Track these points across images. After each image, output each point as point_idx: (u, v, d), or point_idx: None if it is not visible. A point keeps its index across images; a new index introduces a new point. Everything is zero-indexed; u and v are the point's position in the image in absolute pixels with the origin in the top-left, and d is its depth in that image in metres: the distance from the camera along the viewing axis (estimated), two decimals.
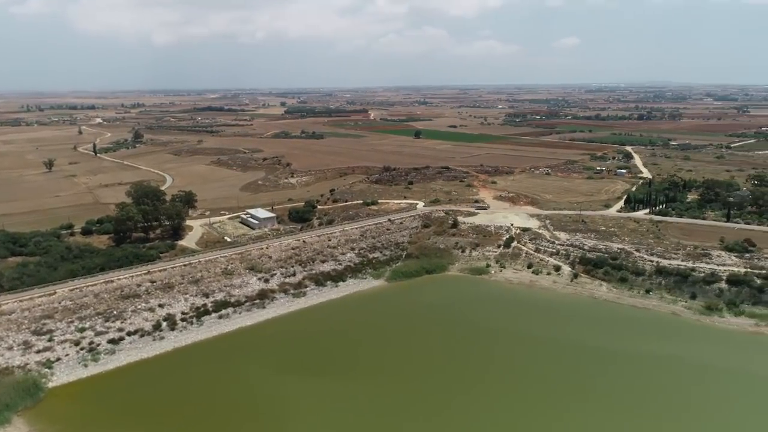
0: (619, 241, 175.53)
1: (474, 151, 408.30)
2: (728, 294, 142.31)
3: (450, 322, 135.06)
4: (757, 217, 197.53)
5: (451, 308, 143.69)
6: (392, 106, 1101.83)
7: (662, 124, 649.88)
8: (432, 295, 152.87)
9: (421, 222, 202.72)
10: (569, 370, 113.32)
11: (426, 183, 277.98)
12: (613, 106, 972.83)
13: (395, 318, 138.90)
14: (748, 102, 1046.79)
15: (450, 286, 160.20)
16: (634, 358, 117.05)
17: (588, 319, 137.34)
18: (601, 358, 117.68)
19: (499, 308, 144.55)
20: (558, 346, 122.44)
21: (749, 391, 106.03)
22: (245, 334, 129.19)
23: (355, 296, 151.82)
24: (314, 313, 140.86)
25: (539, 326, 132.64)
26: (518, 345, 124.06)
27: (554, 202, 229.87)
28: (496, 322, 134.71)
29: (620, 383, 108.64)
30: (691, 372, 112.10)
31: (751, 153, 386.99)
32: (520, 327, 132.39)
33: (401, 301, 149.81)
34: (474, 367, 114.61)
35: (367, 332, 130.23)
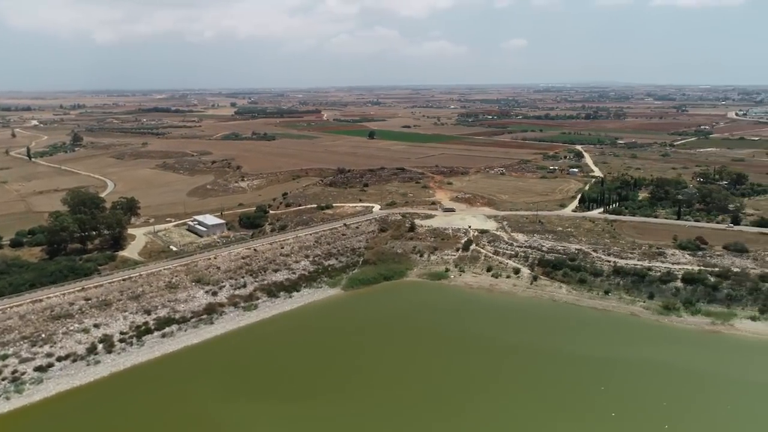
0: (576, 241, 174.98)
1: (429, 152, 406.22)
2: (684, 293, 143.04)
3: (411, 332, 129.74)
4: (705, 215, 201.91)
5: (411, 317, 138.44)
6: (345, 107, 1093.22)
7: (608, 123, 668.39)
8: (391, 304, 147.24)
9: (377, 226, 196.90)
10: (533, 378, 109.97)
11: (381, 185, 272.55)
12: (561, 106, 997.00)
13: (353, 330, 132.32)
14: (685, 102, 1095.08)
15: (409, 292, 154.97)
16: (597, 362, 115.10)
17: (549, 324, 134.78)
18: (564, 365, 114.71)
19: (460, 315, 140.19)
20: (522, 354, 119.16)
21: (709, 391, 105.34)
22: (191, 353, 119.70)
23: (310, 307, 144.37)
24: (267, 328, 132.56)
25: (501, 333, 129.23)
26: (481, 354, 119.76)
27: (510, 203, 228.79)
28: (458, 331, 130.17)
29: (584, 390, 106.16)
30: (653, 375, 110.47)
31: (693, 151, 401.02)
32: (481, 335, 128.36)
33: (359, 311, 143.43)
34: (437, 380, 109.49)
35: (324, 347, 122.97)
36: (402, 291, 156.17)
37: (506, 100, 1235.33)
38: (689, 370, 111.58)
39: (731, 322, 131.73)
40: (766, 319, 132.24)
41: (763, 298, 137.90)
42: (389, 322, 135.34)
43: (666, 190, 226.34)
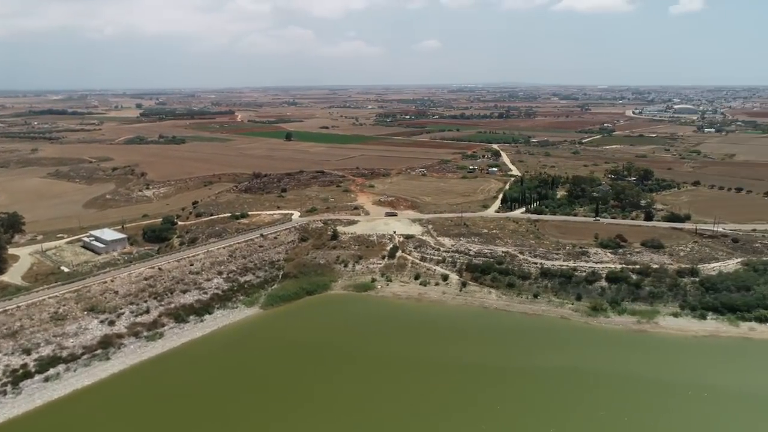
0: (502, 243, 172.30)
1: (348, 153, 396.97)
2: (610, 292, 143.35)
3: (338, 353, 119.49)
4: (620, 212, 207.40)
5: (337, 335, 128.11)
6: (261, 108, 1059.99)
7: (520, 122, 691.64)
8: (316, 321, 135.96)
9: (297, 235, 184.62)
10: (465, 395, 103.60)
11: (301, 190, 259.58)
12: (475, 106, 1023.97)
13: (275, 355, 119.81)
14: (587, 101, 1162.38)
15: (334, 307, 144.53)
16: (532, 373, 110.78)
17: (481, 334, 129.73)
18: (499, 378, 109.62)
19: (389, 330, 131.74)
20: (453, 369, 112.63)
21: (642, 396, 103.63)
22: (82, 399, 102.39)
23: (225, 331, 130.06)
24: (175, 359, 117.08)
25: (432, 348, 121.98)
26: (412, 372, 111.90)
27: (434, 205, 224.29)
28: (387, 348, 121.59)
29: (519, 403, 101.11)
30: (587, 383, 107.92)
31: (600, 148, 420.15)
32: (412, 351, 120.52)
33: (280, 332, 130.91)
34: (369, 404, 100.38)
35: (241, 378, 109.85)
36: (326, 306, 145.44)
37: (422, 100, 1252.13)
38: (622, 375, 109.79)
39: (655, 319, 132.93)
40: (686, 315, 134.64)
41: (683, 294, 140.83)
42: (314, 343, 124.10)
43: (582, 188, 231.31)
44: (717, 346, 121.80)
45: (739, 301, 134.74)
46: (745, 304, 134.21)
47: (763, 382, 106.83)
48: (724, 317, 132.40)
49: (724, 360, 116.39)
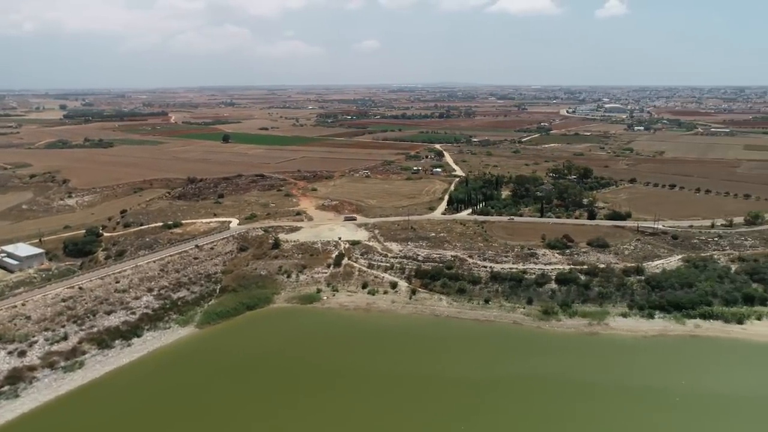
0: (451, 247, 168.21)
1: (289, 155, 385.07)
2: (560, 294, 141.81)
3: (283, 372, 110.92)
4: (564, 211, 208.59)
5: (283, 352, 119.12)
6: (196, 108, 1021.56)
7: (461, 121, 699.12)
8: (258, 339, 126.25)
9: (236, 245, 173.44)
10: (417, 408, 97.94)
11: (239, 195, 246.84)
12: (416, 106, 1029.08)
13: (212, 379, 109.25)
14: (523, 101, 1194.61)
15: (278, 322, 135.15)
16: (486, 384, 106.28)
17: (434, 344, 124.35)
18: (452, 390, 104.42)
19: (337, 344, 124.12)
20: (407, 382, 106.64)
21: (597, 402, 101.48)
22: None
23: (156, 355, 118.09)
24: (97, 392, 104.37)
25: (383, 361, 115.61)
26: (364, 387, 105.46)
27: (380, 208, 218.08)
28: (336, 364, 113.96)
29: (477, 416, 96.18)
30: (543, 390, 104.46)
31: (539, 147, 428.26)
32: (362, 365, 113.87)
33: (219, 352, 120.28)
34: (317, 424, 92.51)
35: (176, 407, 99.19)
36: (269, 321, 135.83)
37: (363, 100, 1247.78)
38: (579, 382, 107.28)
39: (606, 320, 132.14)
40: (635, 314, 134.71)
41: (630, 293, 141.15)
42: (256, 363, 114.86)
43: (526, 188, 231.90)
44: (666, 346, 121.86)
45: (684, 299, 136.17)
46: (690, 301, 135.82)
47: (711, 382, 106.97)
48: (671, 315, 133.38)
49: (675, 360, 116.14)
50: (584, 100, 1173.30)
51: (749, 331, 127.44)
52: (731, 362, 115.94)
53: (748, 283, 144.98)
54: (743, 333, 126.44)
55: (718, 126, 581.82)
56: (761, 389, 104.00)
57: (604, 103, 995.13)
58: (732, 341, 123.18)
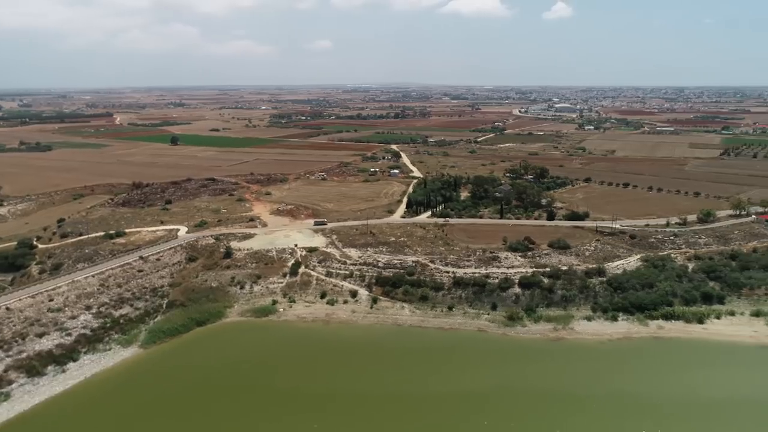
0: (412, 252, 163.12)
1: (242, 157, 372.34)
2: (524, 299, 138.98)
3: (237, 392, 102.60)
4: (523, 211, 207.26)
5: (236, 373, 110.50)
6: (143, 109, 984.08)
7: (416, 121, 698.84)
8: (209, 359, 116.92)
9: (185, 255, 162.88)
10: (388, 429, 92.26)
11: (188, 200, 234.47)
12: (371, 106, 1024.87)
13: (158, 405, 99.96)
14: (476, 101, 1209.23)
15: (230, 339, 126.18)
16: (453, 399, 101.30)
17: (397, 356, 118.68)
18: (420, 406, 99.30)
19: (296, 360, 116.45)
20: (370, 401, 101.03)
21: (567, 410, 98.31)
22: None
23: (95, 382, 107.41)
24: (25, 428, 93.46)
25: (345, 376, 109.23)
26: (324, 406, 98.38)
27: (337, 212, 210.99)
28: (294, 383, 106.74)
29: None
30: (513, 402, 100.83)
31: (495, 146, 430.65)
32: (322, 383, 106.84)
33: (166, 375, 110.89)
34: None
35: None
36: (221, 338, 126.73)
37: (318, 100, 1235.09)
38: (548, 391, 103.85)
39: (571, 325, 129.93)
40: (599, 317, 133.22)
41: (593, 295, 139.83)
42: (208, 384, 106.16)
43: (485, 189, 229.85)
44: (632, 349, 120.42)
45: (645, 300, 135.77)
46: (652, 302, 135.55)
47: (678, 385, 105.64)
48: (634, 317, 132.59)
49: (641, 364, 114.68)
50: (535, 100, 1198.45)
51: (710, 330, 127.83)
52: (695, 364, 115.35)
53: (706, 282, 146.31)
54: (705, 333, 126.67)
55: (663, 125, 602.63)
56: (727, 391, 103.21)
57: (554, 103, 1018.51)
58: (694, 342, 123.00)
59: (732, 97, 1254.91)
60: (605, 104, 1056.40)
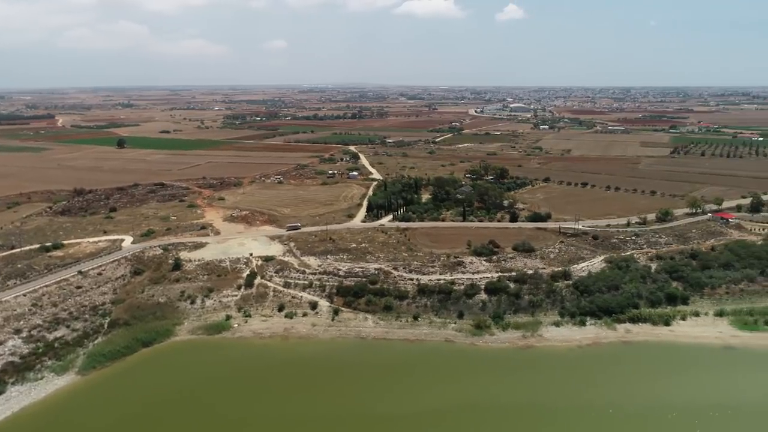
0: (374, 259, 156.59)
1: (194, 160, 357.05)
2: (491, 305, 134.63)
3: (189, 424, 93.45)
4: (485, 213, 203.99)
5: (186, 399, 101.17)
6: (89, 110, 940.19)
7: (374, 122, 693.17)
8: (156, 384, 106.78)
9: (129, 267, 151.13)
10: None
11: (135, 208, 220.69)
12: (327, 106, 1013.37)
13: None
14: (433, 101, 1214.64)
15: (180, 360, 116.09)
16: (422, 416, 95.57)
17: (361, 372, 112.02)
18: (384, 428, 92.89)
19: (253, 381, 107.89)
20: (333, 422, 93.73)
21: (540, 425, 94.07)
22: None
23: (23, 417, 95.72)
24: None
25: (305, 397, 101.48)
26: (284, 431, 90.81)
27: (294, 218, 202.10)
28: (251, 406, 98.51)
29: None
30: (485, 419, 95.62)
31: (454, 147, 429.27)
32: (280, 405, 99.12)
33: (107, 405, 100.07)
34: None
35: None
36: (170, 359, 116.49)
37: (273, 101, 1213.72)
38: (518, 404, 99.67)
39: (539, 331, 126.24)
40: (567, 322, 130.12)
41: (560, 300, 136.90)
42: (155, 415, 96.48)
43: (446, 191, 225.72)
44: (602, 356, 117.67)
45: (612, 303, 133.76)
46: (618, 305, 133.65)
47: (649, 392, 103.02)
48: (602, 321, 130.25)
49: (612, 371, 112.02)
50: (490, 100, 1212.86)
51: (677, 332, 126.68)
52: (665, 369, 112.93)
53: (669, 282, 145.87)
54: (672, 335, 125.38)
55: (614, 124, 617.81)
56: (698, 397, 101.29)
57: (509, 103, 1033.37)
58: (663, 345, 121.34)
59: (675, 96, 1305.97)
60: (558, 104, 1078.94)
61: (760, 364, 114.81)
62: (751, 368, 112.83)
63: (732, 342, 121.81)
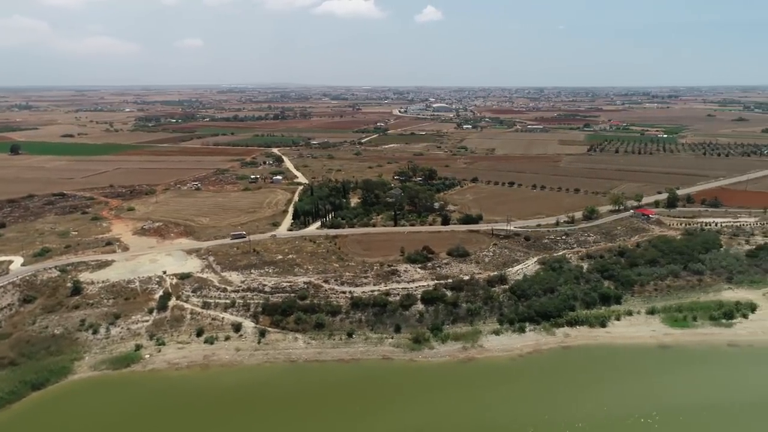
0: (302, 272, 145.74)
1: (100, 167, 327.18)
2: (428, 316, 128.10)
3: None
4: (417, 217, 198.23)
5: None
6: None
7: (297, 123, 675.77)
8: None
9: (18, 295, 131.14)
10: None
11: (28, 223, 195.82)
12: (248, 107, 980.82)
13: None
14: (356, 101, 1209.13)
15: (80, 404, 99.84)
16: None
17: (292, 402, 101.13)
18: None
19: (167, 423, 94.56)
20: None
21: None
22: None
23: None
24: None
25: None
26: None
27: (214, 228, 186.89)
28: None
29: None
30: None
31: (380, 147, 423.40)
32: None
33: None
34: None
35: None
36: (66, 404, 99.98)
37: (189, 101, 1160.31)
38: (462, 427, 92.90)
39: (480, 341, 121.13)
40: (506, 330, 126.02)
41: (498, 306, 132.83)
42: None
43: (376, 194, 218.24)
44: (543, 364, 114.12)
45: (549, 307, 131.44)
46: (555, 308, 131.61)
47: (593, 402, 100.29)
48: (540, 326, 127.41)
49: (555, 381, 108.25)
50: (413, 100, 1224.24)
51: (613, 333, 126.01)
52: (606, 375, 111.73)
53: (601, 282, 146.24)
54: (609, 337, 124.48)
55: (533, 123, 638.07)
56: (640, 401, 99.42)
57: (431, 103, 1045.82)
58: (601, 348, 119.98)
59: (585, 96, 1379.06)
60: (478, 104, 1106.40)
61: (694, 363, 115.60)
62: (686, 368, 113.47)
63: (666, 341, 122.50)
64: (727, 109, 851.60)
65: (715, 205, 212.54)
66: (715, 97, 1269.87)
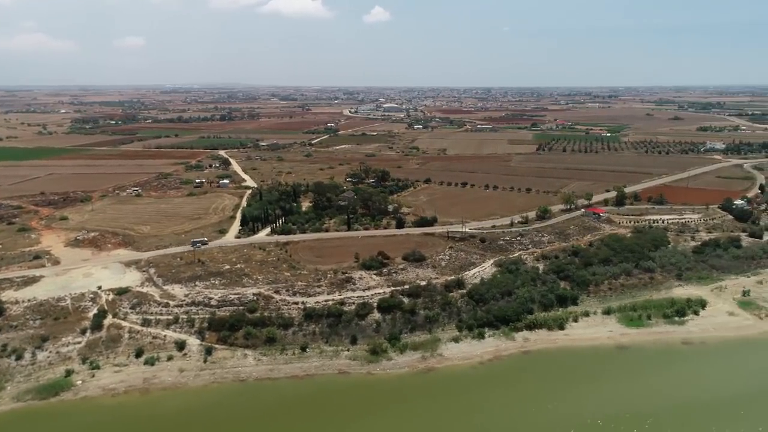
0: (251, 282, 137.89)
1: (31, 173, 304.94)
2: (385, 325, 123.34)
3: None
4: (371, 220, 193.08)
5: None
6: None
7: (245, 124, 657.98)
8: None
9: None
10: None
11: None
12: (193, 108, 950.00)
13: None
14: (306, 101, 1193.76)
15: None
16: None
17: (241, 425, 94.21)
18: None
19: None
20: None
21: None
22: None
23: None
24: None
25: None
26: None
27: (156, 237, 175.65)
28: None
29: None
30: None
31: (331, 149, 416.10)
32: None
33: None
34: None
35: None
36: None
37: (131, 102, 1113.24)
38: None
39: (439, 350, 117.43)
40: (466, 337, 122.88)
41: (456, 312, 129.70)
42: None
43: (328, 197, 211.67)
44: (504, 371, 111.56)
45: (508, 311, 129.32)
46: (514, 312, 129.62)
47: (556, 410, 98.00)
48: (500, 331, 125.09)
49: (517, 388, 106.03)
50: (363, 101, 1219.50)
51: (572, 336, 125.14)
52: (567, 380, 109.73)
53: (558, 283, 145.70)
54: (567, 339, 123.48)
55: (482, 123, 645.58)
56: (601, 406, 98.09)
57: (381, 103, 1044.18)
58: (561, 352, 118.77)
59: (530, 96, 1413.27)
60: (427, 104, 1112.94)
61: (651, 363, 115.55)
62: (644, 369, 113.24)
63: (623, 341, 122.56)
64: (664, 108, 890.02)
65: (661, 203, 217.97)
66: (652, 96, 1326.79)
